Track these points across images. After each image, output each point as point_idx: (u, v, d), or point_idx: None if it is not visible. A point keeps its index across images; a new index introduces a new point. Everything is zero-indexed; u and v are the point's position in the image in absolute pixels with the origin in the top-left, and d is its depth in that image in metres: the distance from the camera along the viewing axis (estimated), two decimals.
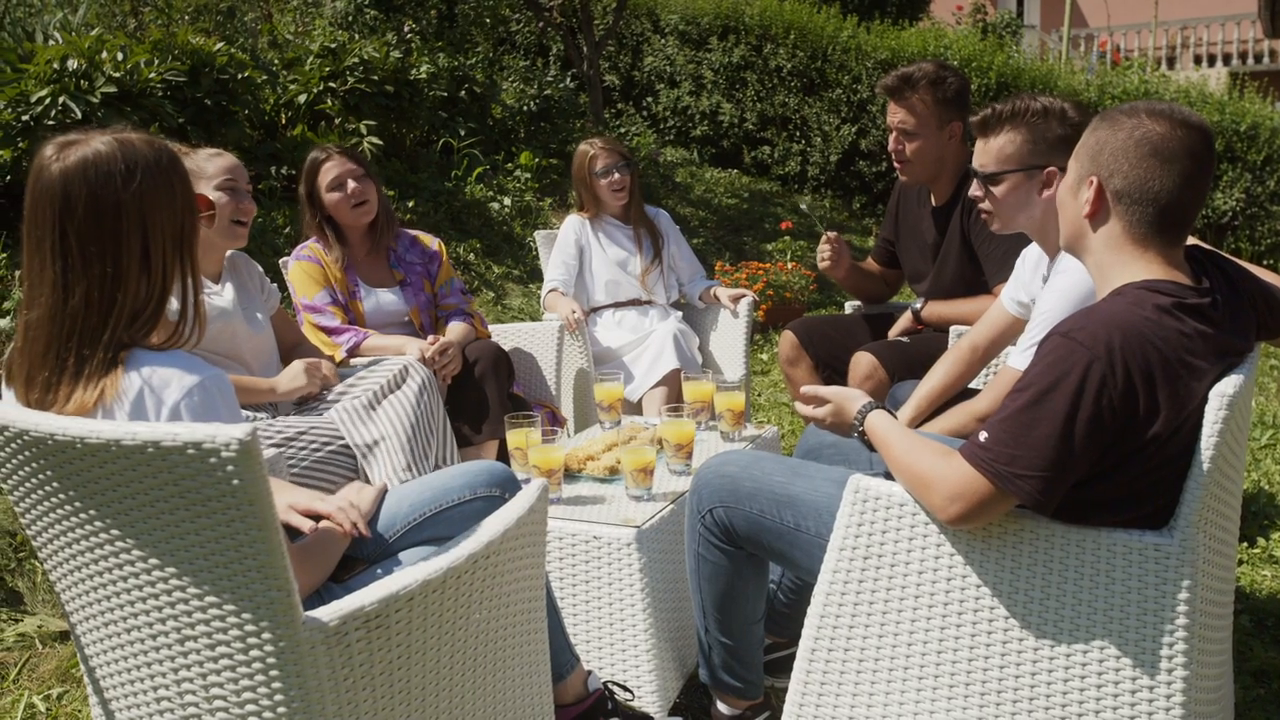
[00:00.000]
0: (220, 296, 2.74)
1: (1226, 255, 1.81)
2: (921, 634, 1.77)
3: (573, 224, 4.03)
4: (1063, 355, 1.57)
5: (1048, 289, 2.30)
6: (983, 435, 1.63)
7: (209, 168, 2.69)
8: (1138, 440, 1.58)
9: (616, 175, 3.93)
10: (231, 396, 1.49)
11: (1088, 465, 1.59)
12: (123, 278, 1.46)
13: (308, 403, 2.85)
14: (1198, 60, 17.09)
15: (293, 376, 2.76)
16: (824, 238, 3.42)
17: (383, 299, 3.35)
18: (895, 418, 1.90)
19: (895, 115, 3.15)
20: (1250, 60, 16.85)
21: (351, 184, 3.26)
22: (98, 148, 1.47)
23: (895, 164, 3.21)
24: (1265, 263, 8.57)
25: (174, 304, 1.56)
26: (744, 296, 3.99)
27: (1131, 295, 1.62)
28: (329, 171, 3.27)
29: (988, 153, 2.37)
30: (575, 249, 3.99)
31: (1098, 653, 1.66)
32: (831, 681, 1.85)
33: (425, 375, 2.87)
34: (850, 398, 1.96)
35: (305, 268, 3.27)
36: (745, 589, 2.10)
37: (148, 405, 1.45)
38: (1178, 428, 1.59)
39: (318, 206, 3.31)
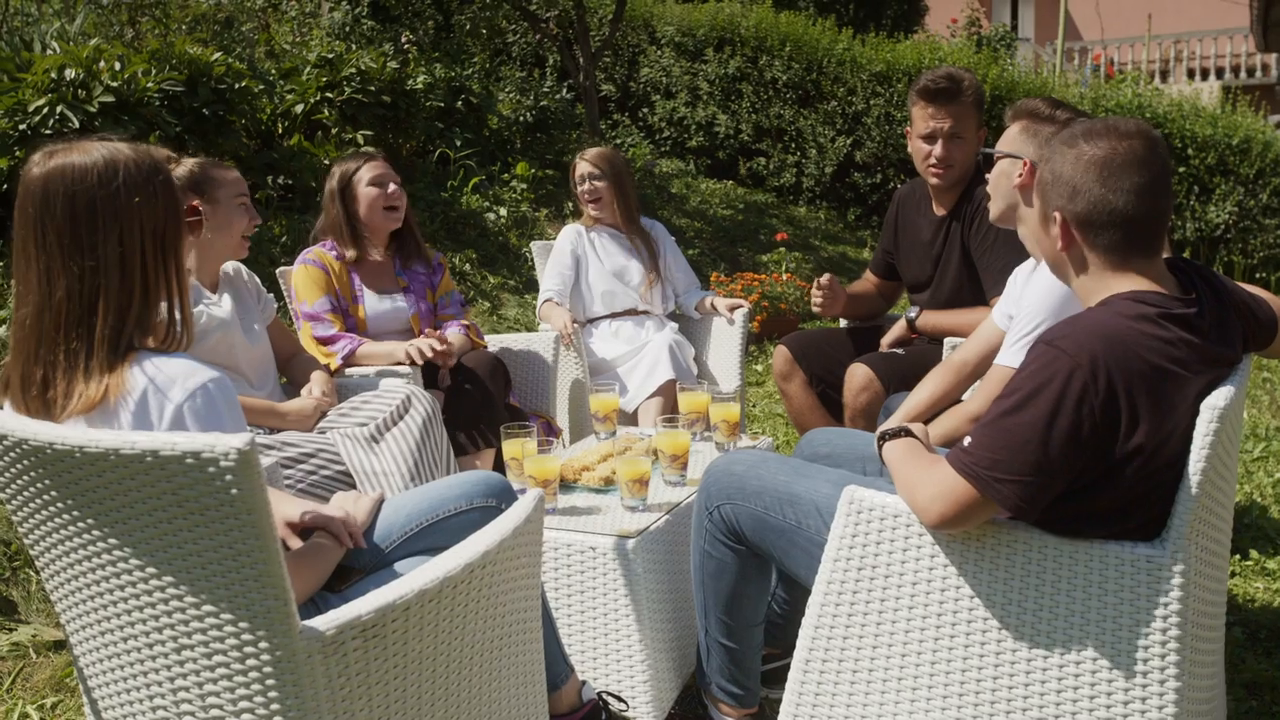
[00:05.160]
0: (218, 307, 2.74)
1: (1209, 268, 1.82)
2: (915, 644, 1.78)
3: (569, 234, 4.03)
4: (1046, 363, 1.59)
5: (1033, 283, 2.30)
6: (967, 440, 1.66)
7: (228, 183, 2.72)
8: (1122, 449, 1.60)
9: (588, 185, 3.96)
10: (234, 401, 1.52)
11: (1070, 474, 1.61)
12: (100, 272, 1.51)
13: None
14: (1190, 74, 17.16)
15: (301, 413, 2.77)
16: (815, 282, 3.37)
17: (384, 305, 3.35)
18: (919, 441, 1.91)
19: (942, 120, 3.03)
20: (1243, 74, 16.93)
21: (392, 186, 3.32)
22: (80, 153, 1.52)
23: (935, 170, 3.08)
24: (1259, 275, 8.61)
25: (163, 309, 1.58)
26: (740, 306, 4.00)
27: (1117, 305, 1.64)
28: (374, 168, 3.32)
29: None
30: (571, 259, 3.99)
31: (1090, 664, 1.67)
32: (826, 692, 1.85)
33: (429, 407, 2.82)
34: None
35: (310, 272, 3.26)
36: (748, 589, 2.13)
37: (151, 405, 1.48)
38: (1165, 438, 1.60)
39: (347, 202, 3.32)
